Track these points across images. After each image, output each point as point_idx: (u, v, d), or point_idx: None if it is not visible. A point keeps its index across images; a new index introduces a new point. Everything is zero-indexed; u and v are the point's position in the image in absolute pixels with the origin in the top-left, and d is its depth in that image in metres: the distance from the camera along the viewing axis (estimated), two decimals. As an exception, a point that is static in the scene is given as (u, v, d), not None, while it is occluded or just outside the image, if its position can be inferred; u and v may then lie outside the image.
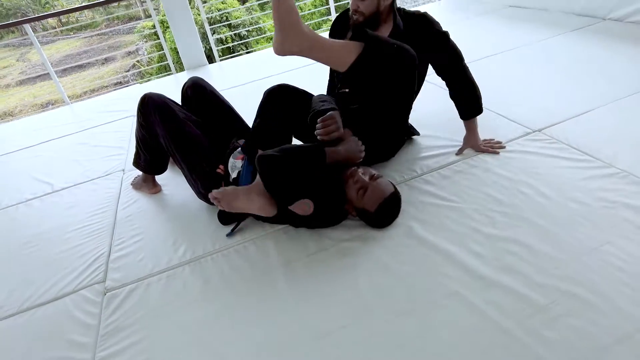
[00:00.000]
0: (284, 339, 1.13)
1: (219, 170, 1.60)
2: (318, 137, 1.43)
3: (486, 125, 1.82)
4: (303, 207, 1.33)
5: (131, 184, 2.02)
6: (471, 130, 1.73)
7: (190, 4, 3.88)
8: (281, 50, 1.30)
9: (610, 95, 1.95)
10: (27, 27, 3.40)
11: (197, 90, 1.74)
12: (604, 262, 1.15)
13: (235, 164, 1.58)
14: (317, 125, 1.44)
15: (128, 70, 15.15)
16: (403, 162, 1.76)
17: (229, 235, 1.52)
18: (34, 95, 13.19)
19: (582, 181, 1.47)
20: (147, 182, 1.93)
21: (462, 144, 1.76)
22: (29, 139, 2.90)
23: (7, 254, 1.73)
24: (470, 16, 3.61)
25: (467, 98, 1.69)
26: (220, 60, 4.08)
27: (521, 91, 2.16)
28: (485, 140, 1.75)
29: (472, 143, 1.73)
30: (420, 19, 1.66)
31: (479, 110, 1.70)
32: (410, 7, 1.86)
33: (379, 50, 1.34)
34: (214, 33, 9.70)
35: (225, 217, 1.57)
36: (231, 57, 4.10)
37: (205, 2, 9.25)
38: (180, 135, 1.61)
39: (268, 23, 12.55)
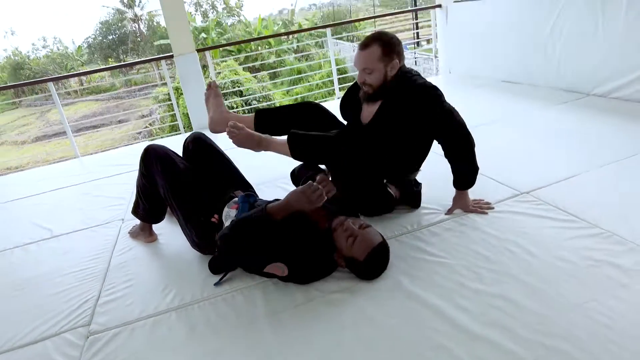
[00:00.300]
0: (264, 389, 1.10)
1: (213, 220, 1.64)
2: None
3: (475, 187, 1.88)
4: (276, 270, 1.36)
5: (129, 232, 2.06)
6: (461, 193, 1.78)
7: (204, 73, 4.17)
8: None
9: (594, 162, 2.03)
10: (50, 85, 3.65)
11: (197, 143, 1.84)
12: (589, 319, 1.15)
13: (229, 213, 1.63)
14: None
15: (140, 132, 15.75)
16: (393, 219, 1.80)
17: (217, 284, 1.53)
18: (46, 152, 13.62)
19: (568, 240, 1.49)
20: (144, 230, 1.97)
21: (451, 204, 1.80)
22: (34, 188, 2.99)
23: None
24: (467, 89, 3.84)
25: (464, 173, 1.71)
26: (228, 122, 4.28)
27: (510, 156, 2.26)
28: (474, 200, 1.80)
29: (462, 204, 1.77)
30: (422, 96, 1.62)
31: (472, 183, 1.73)
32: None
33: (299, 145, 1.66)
34: (225, 101, 10.25)
35: (215, 267, 1.59)
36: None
37: (219, 73, 9.90)
38: (178, 184, 1.68)
39: (276, 90, 13.29)
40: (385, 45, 1.60)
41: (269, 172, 2.37)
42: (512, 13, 3.62)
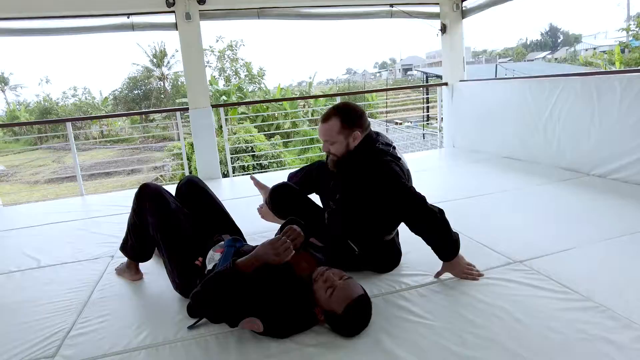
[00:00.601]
0: None
1: (197, 262, 1.62)
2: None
3: (470, 254, 1.87)
4: (251, 325, 1.32)
5: (115, 269, 2.03)
6: (451, 263, 1.69)
7: (220, 134, 4.35)
8: None
9: (591, 237, 2.01)
10: (68, 125, 3.81)
11: (191, 186, 1.88)
12: (576, 394, 1.07)
13: (213, 257, 1.61)
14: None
15: (150, 182, 15.96)
16: (382, 278, 1.76)
17: (191, 327, 1.48)
18: (56, 193, 13.83)
19: (560, 312, 1.43)
20: (130, 268, 1.95)
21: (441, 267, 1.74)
22: (33, 220, 3.02)
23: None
24: (469, 162, 3.93)
25: (439, 246, 1.64)
26: (234, 175, 4.38)
27: (507, 227, 2.24)
28: (467, 264, 1.75)
29: (451, 269, 1.70)
30: (376, 174, 1.62)
31: (454, 250, 1.66)
32: (413, 155, 2.04)
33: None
34: (238, 159, 10.56)
35: (193, 311, 1.54)
36: (244, 174, 4.41)
37: (235, 134, 10.29)
38: (167, 224, 1.69)
39: (289, 158, 13.64)
40: (344, 118, 1.65)
41: (264, 224, 2.37)
42: (514, 94, 3.80)
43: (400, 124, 16.88)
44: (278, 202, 1.93)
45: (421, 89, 13.83)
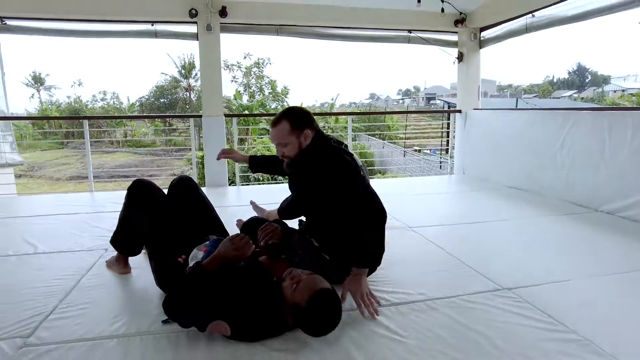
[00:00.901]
0: None
1: (180, 259, 1.64)
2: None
3: (455, 277, 1.86)
4: (219, 328, 1.31)
5: (105, 262, 2.06)
6: (355, 274, 1.60)
7: (234, 144, 4.44)
8: None
9: (589, 271, 1.95)
10: (85, 122, 3.96)
11: (183, 185, 1.90)
12: None
13: (197, 255, 1.62)
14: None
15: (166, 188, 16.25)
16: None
17: (164, 322, 1.48)
18: (75, 190, 14.22)
19: (541, 342, 1.38)
20: (119, 262, 1.98)
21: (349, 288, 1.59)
22: (43, 210, 3.11)
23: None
24: (477, 190, 3.88)
25: (365, 246, 1.61)
26: (241, 184, 4.43)
27: (502, 253, 2.20)
28: (370, 292, 1.61)
29: (354, 288, 1.57)
30: (333, 167, 1.66)
31: (374, 260, 1.65)
32: (422, 179, 2.05)
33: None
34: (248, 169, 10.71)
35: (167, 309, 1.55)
36: (253, 183, 4.45)
37: (253, 147, 10.42)
38: (154, 219, 1.72)
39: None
40: (293, 120, 1.71)
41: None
42: (526, 125, 3.77)
43: (420, 151, 16.85)
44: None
45: (442, 117, 13.85)
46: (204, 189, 2.01)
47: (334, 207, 1.70)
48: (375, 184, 5.11)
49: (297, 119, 1.71)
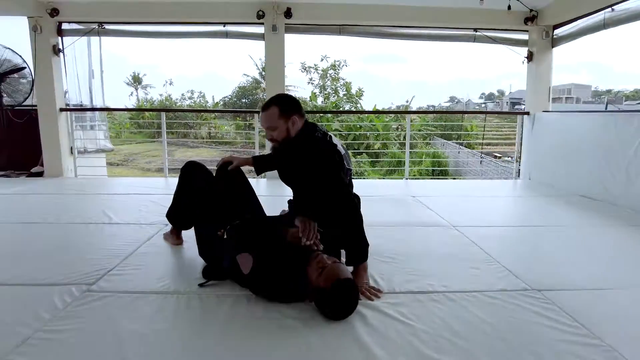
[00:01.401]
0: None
1: (219, 232, 1.83)
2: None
3: (488, 275, 1.85)
4: (243, 260, 1.47)
5: (163, 234, 2.34)
6: (357, 270, 1.73)
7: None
8: None
9: (634, 282, 1.81)
10: (162, 114, 4.43)
11: (225, 168, 2.09)
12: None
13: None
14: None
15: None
16: (386, 279, 1.79)
17: (200, 285, 1.68)
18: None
19: (555, 342, 1.34)
20: (173, 234, 2.24)
21: None
22: (124, 190, 3.57)
23: (45, 248, 2.10)
24: (542, 196, 3.68)
25: (352, 246, 1.73)
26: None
27: (544, 258, 2.12)
28: (371, 287, 1.70)
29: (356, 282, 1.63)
30: (318, 155, 1.75)
31: (363, 257, 1.73)
32: (485, 182, 2.04)
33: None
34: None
35: (207, 273, 1.74)
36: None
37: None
38: (201, 194, 1.93)
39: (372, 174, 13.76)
40: (282, 105, 1.77)
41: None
42: (598, 129, 3.48)
43: (499, 157, 15.96)
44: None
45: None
46: (264, 181, 2.19)
47: (316, 192, 1.79)
48: (435, 184, 5.01)
49: (286, 105, 1.78)
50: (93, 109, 4.73)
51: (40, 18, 4.05)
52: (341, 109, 23.26)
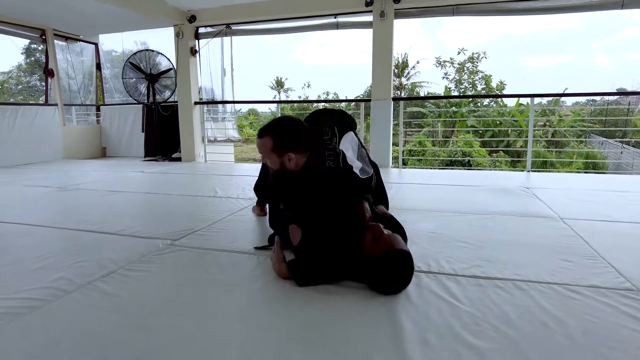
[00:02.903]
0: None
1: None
2: None
3: (582, 269, 1.56)
4: (296, 231, 1.49)
5: (252, 207, 2.55)
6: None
7: (397, 131, 4.57)
8: None
9: None
10: (277, 107, 4.76)
11: None
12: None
13: None
14: None
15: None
16: (453, 260, 1.64)
17: (256, 248, 1.80)
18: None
19: (643, 350, 1.06)
20: (257, 206, 2.42)
21: None
22: (239, 172, 3.99)
23: (155, 211, 2.47)
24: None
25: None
26: (402, 167, 4.50)
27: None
28: None
29: None
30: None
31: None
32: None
33: None
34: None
35: (271, 240, 1.83)
36: (414, 167, 4.47)
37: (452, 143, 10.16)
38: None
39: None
40: (276, 139, 1.56)
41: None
42: None
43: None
44: None
45: None
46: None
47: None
48: (561, 177, 4.36)
49: (281, 139, 1.57)
50: (221, 102, 5.36)
51: (182, 25, 4.77)
52: (478, 104, 21.68)
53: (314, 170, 1.57)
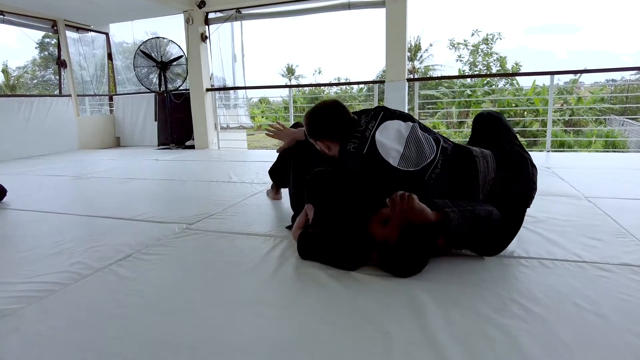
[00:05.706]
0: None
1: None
2: None
3: (611, 246, 1.50)
4: (310, 210, 1.47)
5: (266, 190, 2.52)
6: None
7: (413, 112, 4.47)
8: None
9: None
10: (289, 91, 4.70)
11: None
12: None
13: None
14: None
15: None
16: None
17: (288, 227, 1.79)
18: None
19: (681, 328, 1.00)
20: (273, 189, 2.39)
21: None
22: (254, 158, 3.99)
23: (171, 197, 2.47)
24: None
25: None
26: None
27: None
28: None
29: None
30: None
31: None
32: None
33: None
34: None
35: (294, 220, 1.80)
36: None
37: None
38: (298, 155, 1.99)
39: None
40: (309, 128, 1.58)
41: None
42: None
43: None
44: None
45: None
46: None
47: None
48: (582, 156, 4.25)
49: (313, 128, 1.58)
50: (232, 88, 5.32)
51: (192, 11, 4.72)
52: (493, 86, 21.23)
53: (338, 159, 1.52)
